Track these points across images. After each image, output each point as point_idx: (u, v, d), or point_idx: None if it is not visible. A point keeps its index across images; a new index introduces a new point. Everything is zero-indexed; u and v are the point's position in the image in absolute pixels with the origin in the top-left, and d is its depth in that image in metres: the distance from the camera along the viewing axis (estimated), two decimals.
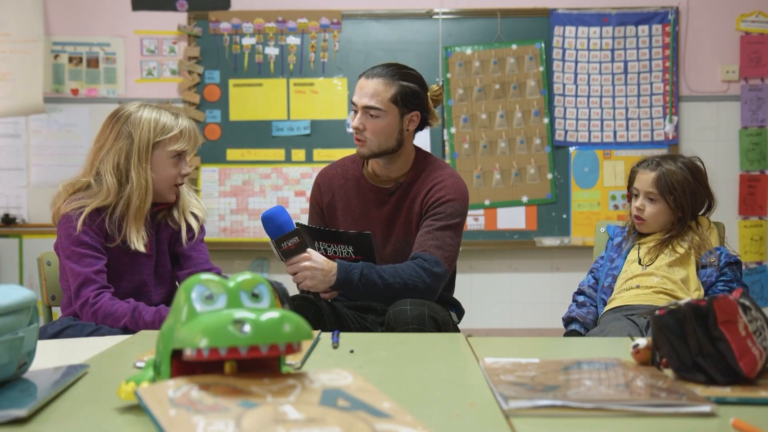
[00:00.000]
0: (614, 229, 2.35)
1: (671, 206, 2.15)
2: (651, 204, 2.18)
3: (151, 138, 1.99)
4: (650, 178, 2.18)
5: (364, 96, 2.13)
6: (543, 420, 0.98)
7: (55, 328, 1.90)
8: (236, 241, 4.23)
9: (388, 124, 2.13)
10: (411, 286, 2.00)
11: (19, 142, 4.28)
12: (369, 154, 2.17)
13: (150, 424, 0.87)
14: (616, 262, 2.23)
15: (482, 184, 4.20)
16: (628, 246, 2.23)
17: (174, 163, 2.03)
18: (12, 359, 1.08)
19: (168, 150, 2.01)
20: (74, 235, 1.93)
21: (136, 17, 4.28)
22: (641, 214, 2.19)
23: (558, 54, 4.21)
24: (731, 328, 1.13)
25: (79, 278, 1.92)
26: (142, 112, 2.01)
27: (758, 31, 4.22)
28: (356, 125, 2.14)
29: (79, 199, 1.98)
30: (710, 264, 2.10)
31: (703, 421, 0.98)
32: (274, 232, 1.91)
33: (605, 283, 2.21)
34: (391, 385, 1.18)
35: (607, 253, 2.28)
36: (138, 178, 1.97)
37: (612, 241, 2.30)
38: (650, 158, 2.24)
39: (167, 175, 2.03)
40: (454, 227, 2.13)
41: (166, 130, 2.01)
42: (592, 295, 2.24)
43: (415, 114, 2.17)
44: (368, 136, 2.14)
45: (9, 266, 4.22)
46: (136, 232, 1.98)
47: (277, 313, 0.91)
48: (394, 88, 2.12)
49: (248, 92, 4.25)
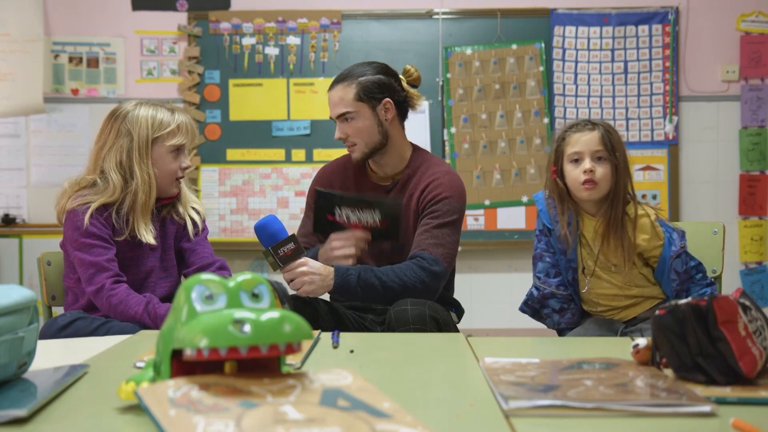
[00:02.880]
0: (542, 201, 2.12)
1: (617, 166, 1.99)
2: (600, 164, 1.99)
3: (150, 134, 2.04)
4: (594, 137, 2.00)
5: (334, 107, 2.19)
6: (543, 420, 0.98)
7: (65, 320, 1.94)
8: (236, 241, 4.23)
9: (363, 121, 2.16)
10: (410, 286, 2.00)
11: (19, 142, 4.28)
12: (362, 156, 2.20)
13: (150, 424, 0.87)
14: (570, 254, 2.06)
15: (482, 184, 4.20)
16: (571, 248, 2.05)
17: (174, 157, 2.08)
18: (12, 359, 1.09)
19: (167, 145, 2.06)
20: (82, 227, 1.97)
21: (136, 17, 4.28)
22: (594, 176, 1.98)
23: (558, 54, 4.21)
24: (731, 328, 1.13)
25: (92, 267, 1.96)
26: (139, 109, 2.06)
27: (758, 31, 4.22)
28: (339, 136, 2.20)
29: (85, 195, 2.02)
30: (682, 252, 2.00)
31: (703, 421, 0.98)
32: (268, 240, 1.92)
33: (569, 278, 2.08)
34: (391, 385, 1.18)
35: (555, 245, 2.09)
36: (141, 173, 2.02)
37: (553, 233, 2.08)
38: (576, 122, 2.07)
39: (168, 169, 2.08)
40: (451, 225, 2.13)
41: (163, 125, 2.06)
42: (564, 296, 2.09)
43: (386, 102, 2.19)
44: (353, 140, 2.18)
45: (9, 266, 4.22)
46: (144, 226, 2.04)
47: (277, 313, 0.91)
48: (354, 87, 2.16)
49: (248, 92, 4.25)
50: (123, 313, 1.93)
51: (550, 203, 2.10)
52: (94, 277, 1.95)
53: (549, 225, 2.09)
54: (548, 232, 2.11)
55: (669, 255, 2.01)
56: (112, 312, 1.94)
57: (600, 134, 2.00)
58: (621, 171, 2.00)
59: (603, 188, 2.01)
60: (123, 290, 1.95)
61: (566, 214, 2.05)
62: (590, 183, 2.00)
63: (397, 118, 2.22)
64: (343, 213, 2.09)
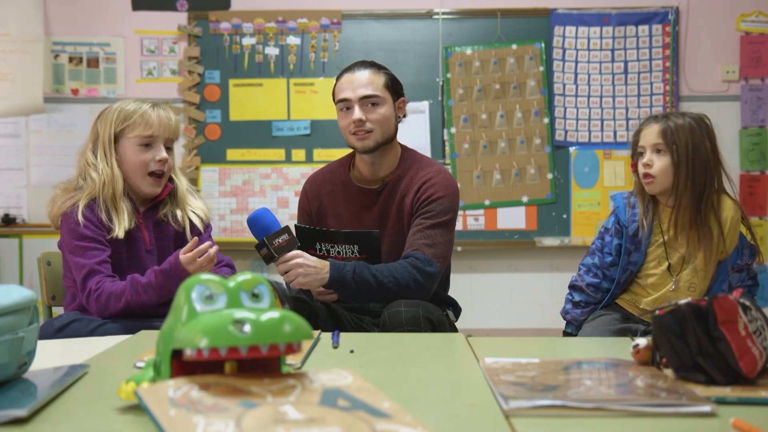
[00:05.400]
0: (620, 198, 2.14)
1: (676, 159, 1.97)
2: (658, 157, 2.00)
3: (114, 129, 2.05)
4: (656, 129, 2.01)
5: (360, 87, 2.14)
6: (543, 420, 0.98)
7: (61, 321, 1.94)
8: (236, 241, 4.23)
9: (387, 110, 2.17)
10: (404, 285, 2.00)
11: (19, 142, 4.28)
12: (374, 145, 2.16)
13: (150, 424, 0.87)
14: (634, 257, 2.08)
15: (482, 184, 4.20)
16: (645, 235, 2.05)
17: (141, 150, 2.05)
18: (12, 359, 1.08)
19: (131, 137, 2.05)
20: (76, 230, 1.97)
21: (136, 17, 4.28)
22: (650, 170, 2.00)
23: (558, 54, 4.21)
24: (731, 328, 1.14)
25: (83, 270, 1.95)
26: (115, 105, 2.08)
27: (758, 31, 4.22)
28: (359, 117, 2.12)
29: (73, 197, 2.03)
30: (744, 267, 2.02)
31: (703, 421, 0.98)
32: (262, 231, 1.92)
33: (621, 279, 2.09)
34: (391, 385, 1.18)
35: (624, 245, 2.08)
36: (104, 166, 2.03)
37: (627, 229, 2.09)
38: (649, 116, 2.10)
39: (134, 161, 2.05)
40: (444, 225, 2.13)
41: (127, 117, 2.05)
42: (590, 297, 2.15)
43: (402, 100, 2.23)
44: (371, 127, 2.14)
45: (9, 266, 4.22)
46: (117, 220, 2.01)
47: (277, 313, 0.91)
48: (384, 76, 2.18)
49: (248, 92, 4.25)
50: (114, 306, 1.92)
51: (632, 202, 2.10)
52: (86, 282, 1.94)
53: (624, 221, 2.09)
54: (618, 232, 2.11)
55: (731, 265, 2.01)
56: (106, 311, 1.93)
57: (660, 127, 2.00)
58: (681, 164, 1.97)
59: (662, 181, 2.00)
60: (106, 285, 1.94)
61: (644, 207, 2.06)
62: (648, 177, 2.01)
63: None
64: (323, 247, 2.09)
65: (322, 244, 2.09)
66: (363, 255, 2.07)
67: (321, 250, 2.08)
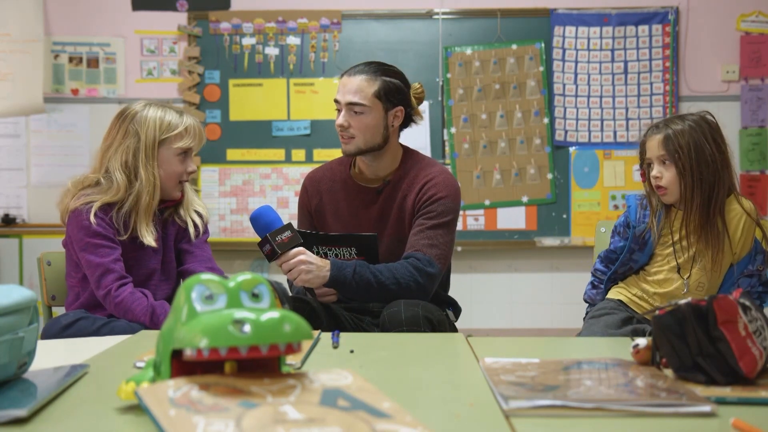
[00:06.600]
0: (634, 199, 2.13)
1: (681, 167, 1.96)
2: (666, 168, 1.99)
3: (157, 136, 2.04)
4: (658, 140, 1.99)
5: (348, 93, 2.13)
6: (543, 420, 0.98)
7: (68, 319, 1.94)
8: (236, 241, 4.23)
9: (372, 119, 2.14)
10: (404, 285, 2.00)
11: (19, 142, 4.28)
12: (355, 151, 2.17)
13: (150, 424, 0.87)
14: (636, 255, 2.09)
15: (482, 184, 4.20)
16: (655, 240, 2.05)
17: (180, 160, 2.09)
18: (12, 359, 1.08)
19: (174, 147, 2.06)
20: (88, 227, 1.96)
21: (136, 17, 4.28)
22: (660, 182, 1.99)
23: (558, 54, 4.21)
24: (731, 328, 1.13)
25: (98, 269, 1.96)
26: (148, 110, 2.06)
27: (758, 31, 4.22)
28: (341, 123, 2.14)
29: (88, 195, 2.01)
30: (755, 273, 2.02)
31: (703, 421, 0.98)
32: (265, 228, 1.92)
33: (619, 270, 2.13)
34: (391, 385, 1.18)
35: (629, 245, 2.09)
36: (147, 175, 2.02)
37: (634, 229, 2.08)
38: (651, 125, 2.07)
39: (173, 171, 2.08)
40: (446, 225, 2.13)
41: (171, 127, 2.06)
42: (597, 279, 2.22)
43: (399, 109, 2.19)
44: (354, 133, 2.14)
45: (9, 266, 4.22)
46: (146, 227, 2.03)
47: (277, 313, 0.91)
48: (377, 84, 2.14)
49: (248, 92, 4.25)
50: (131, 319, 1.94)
51: (644, 204, 2.11)
52: (101, 281, 1.95)
53: (633, 222, 2.09)
54: (625, 233, 2.13)
55: (741, 269, 2.01)
56: (120, 316, 1.95)
57: (660, 138, 1.99)
58: (686, 171, 1.96)
59: (674, 191, 2.01)
60: (127, 294, 1.94)
61: (654, 215, 2.06)
62: (661, 189, 2.02)
63: (399, 128, 2.23)
64: (320, 250, 2.09)
65: (319, 248, 2.09)
66: (360, 257, 2.08)
67: (318, 253, 2.08)
